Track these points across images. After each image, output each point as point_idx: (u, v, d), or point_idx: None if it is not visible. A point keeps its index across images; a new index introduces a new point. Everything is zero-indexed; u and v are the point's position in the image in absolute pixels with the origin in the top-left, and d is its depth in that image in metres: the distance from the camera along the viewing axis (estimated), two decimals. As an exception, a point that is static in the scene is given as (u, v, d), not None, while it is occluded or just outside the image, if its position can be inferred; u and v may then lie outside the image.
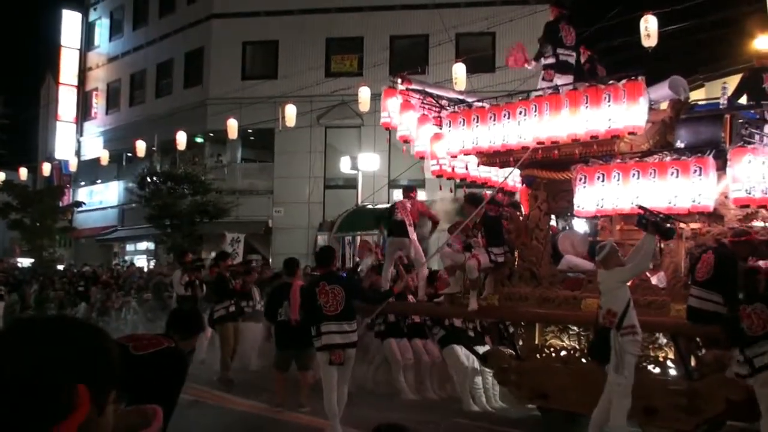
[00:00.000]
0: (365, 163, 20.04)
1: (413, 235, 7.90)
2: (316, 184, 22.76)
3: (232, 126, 19.33)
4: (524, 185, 7.38)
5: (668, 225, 5.69)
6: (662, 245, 6.31)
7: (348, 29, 22.77)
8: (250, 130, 22.44)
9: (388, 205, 10.46)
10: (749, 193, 5.65)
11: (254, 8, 23.49)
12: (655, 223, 5.58)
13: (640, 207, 5.75)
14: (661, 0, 12.01)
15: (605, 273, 5.73)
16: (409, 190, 8.41)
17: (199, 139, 24.08)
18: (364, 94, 15.41)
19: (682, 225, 6.03)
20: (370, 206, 17.74)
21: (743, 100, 7.00)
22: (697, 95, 11.79)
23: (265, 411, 7.80)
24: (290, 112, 18.16)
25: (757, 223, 6.61)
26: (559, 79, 6.92)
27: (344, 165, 20.64)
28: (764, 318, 5.36)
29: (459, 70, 14.11)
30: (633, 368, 5.64)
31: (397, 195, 21.21)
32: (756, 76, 6.67)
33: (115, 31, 29.08)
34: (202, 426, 6.78)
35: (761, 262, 6.05)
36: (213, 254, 14.53)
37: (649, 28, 10.58)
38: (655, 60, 11.84)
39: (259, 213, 22.70)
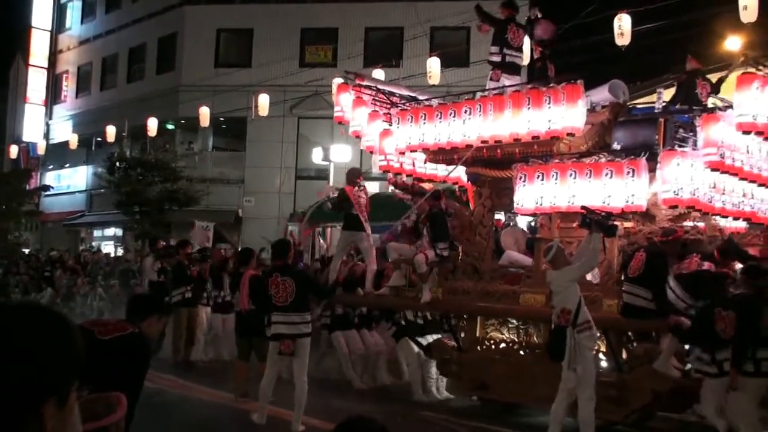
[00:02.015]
0: (337, 154, 20.10)
1: (368, 229, 8.01)
2: (287, 175, 22.79)
3: (204, 113, 19.29)
4: (469, 182, 7.58)
5: (610, 223, 5.89)
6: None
7: (323, 20, 22.77)
8: (222, 118, 22.36)
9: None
10: (677, 194, 5.88)
11: (229, -5, 23.43)
12: (598, 222, 5.75)
13: (583, 207, 5.94)
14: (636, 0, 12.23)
15: (555, 273, 5.81)
16: (354, 176, 8.35)
17: (170, 126, 23.96)
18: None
19: (615, 223, 6.26)
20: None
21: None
22: (668, 94, 11.98)
23: (230, 401, 7.86)
24: (263, 101, 18.18)
25: (688, 223, 6.90)
26: (507, 80, 7.11)
27: (316, 156, 20.69)
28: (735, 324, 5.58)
29: (433, 64, 14.28)
30: (592, 362, 5.79)
31: (370, 187, 21.49)
32: (691, 80, 6.91)
33: (87, 13, 28.71)
34: (165, 415, 6.82)
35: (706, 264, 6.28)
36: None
37: (622, 26, 10.80)
38: (628, 59, 12.06)
39: (229, 202, 22.69)
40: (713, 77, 7.50)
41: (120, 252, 23.14)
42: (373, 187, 20.87)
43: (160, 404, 6.98)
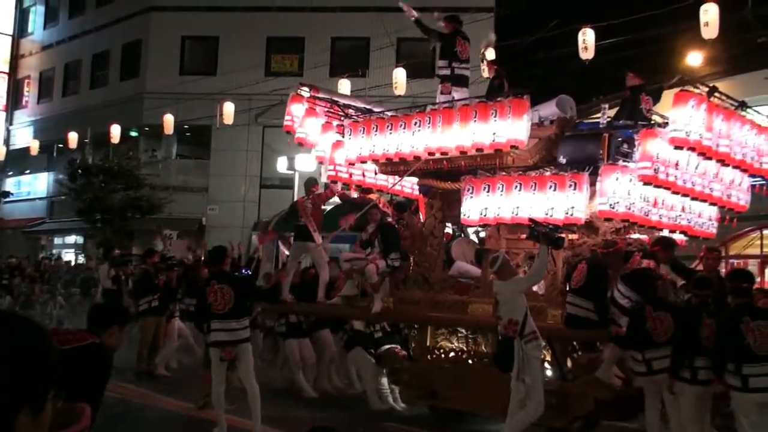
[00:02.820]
0: (302, 163, 20.12)
1: (318, 239, 8.10)
2: (252, 183, 22.72)
3: (169, 121, 19.14)
4: (421, 194, 7.71)
5: (557, 235, 6.02)
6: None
7: (289, 29, 22.81)
8: (186, 126, 22.24)
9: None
10: (612, 207, 6.06)
11: (195, 2, 23.32)
12: (545, 234, 5.87)
13: (531, 220, 6.07)
14: (600, 14, 12.51)
15: (502, 284, 5.89)
16: (310, 185, 8.48)
17: (133, 133, 23.72)
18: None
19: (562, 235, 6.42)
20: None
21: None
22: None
23: (190, 410, 7.85)
24: (228, 109, 18.15)
25: (635, 235, 7.11)
26: (456, 93, 7.26)
27: (281, 165, 20.68)
28: (666, 325, 5.75)
29: (399, 74, 14.48)
30: (540, 371, 5.89)
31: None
32: (635, 96, 7.13)
33: (50, 18, 28.34)
34: (126, 425, 6.81)
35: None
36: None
37: (586, 40, 11.06)
38: (591, 73, 12.29)
39: (193, 210, 22.53)
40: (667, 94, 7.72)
41: (81, 260, 22.79)
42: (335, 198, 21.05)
43: (121, 414, 6.96)
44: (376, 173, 7.86)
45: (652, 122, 6.52)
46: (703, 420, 5.66)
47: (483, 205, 6.49)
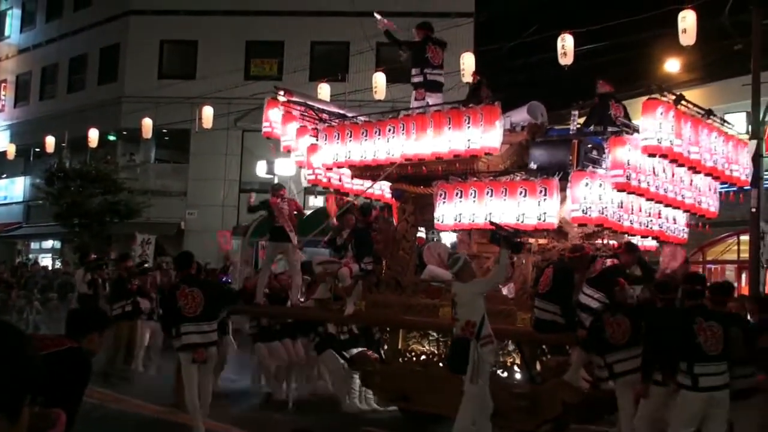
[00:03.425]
0: (281, 168, 20.09)
1: (294, 240, 8.16)
2: (231, 187, 22.65)
3: (147, 125, 19.07)
4: (394, 198, 7.78)
5: (517, 239, 6.09)
6: (514, 258, 6.76)
7: (269, 33, 22.81)
8: (165, 130, 22.14)
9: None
10: (585, 213, 6.15)
11: (173, 6, 23.23)
12: (506, 238, 5.93)
13: (492, 223, 6.15)
14: (579, 20, 12.67)
15: (461, 285, 5.92)
16: (277, 189, 8.59)
17: (111, 137, 23.59)
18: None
19: (530, 240, 6.51)
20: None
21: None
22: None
23: (163, 413, 7.86)
24: (207, 113, 18.12)
25: (606, 241, 7.22)
26: (430, 98, 7.33)
27: (260, 169, 20.64)
28: (624, 329, 5.84)
29: (379, 79, 14.54)
30: (488, 375, 5.91)
31: (314, 201, 21.55)
32: (604, 103, 7.24)
33: (26, 21, 28.14)
34: (104, 429, 6.76)
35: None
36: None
37: (566, 46, 11.18)
38: (570, 78, 12.43)
39: (171, 214, 22.40)
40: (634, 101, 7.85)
41: (58, 265, 22.55)
42: (318, 201, 21.04)
43: (99, 419, 6.91)
44: (352, 177, 7.92)
45: (621, 129, 6.60)
46: (651, 412, 5.73)
47: (457, 211, 6.55)
